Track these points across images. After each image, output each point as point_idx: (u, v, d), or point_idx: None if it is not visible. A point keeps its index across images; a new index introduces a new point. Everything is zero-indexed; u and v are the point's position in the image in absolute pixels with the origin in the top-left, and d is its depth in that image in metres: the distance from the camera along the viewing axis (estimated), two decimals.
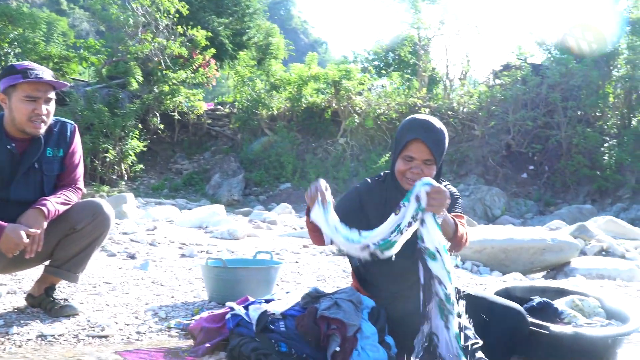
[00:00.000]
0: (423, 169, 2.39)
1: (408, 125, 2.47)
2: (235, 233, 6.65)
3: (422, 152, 2.38)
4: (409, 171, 2.40)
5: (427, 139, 2.37)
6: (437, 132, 2.42)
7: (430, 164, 2.40)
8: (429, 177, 2.25)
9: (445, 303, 2.11)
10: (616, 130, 15.81)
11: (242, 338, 2.41)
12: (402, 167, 2.42)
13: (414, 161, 2.40)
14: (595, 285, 4.57)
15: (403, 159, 2.42)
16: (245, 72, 17.25)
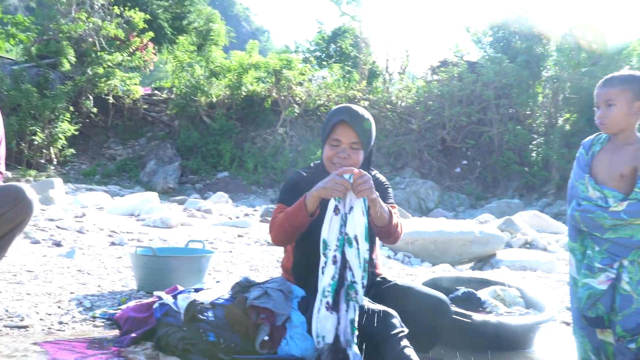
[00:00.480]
0: (350, 153, 2.39)
1: (334, 111, 2.48)
2: (168, 221, 6.54)
3: (348, 135, 2.38)
4: (336, 156, 2.41)
5: (352, 122, 2.38)
6: (363, 117, 2.43)
7: (357, 148, 2.40)
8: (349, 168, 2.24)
9: (349, 289, 2.16)
10: (544, 129, 16.50)
11: (170, 327, 2.38)
12: (329, 152, 2.42)
13: (341, 145, 2.40)
14: (517, 276, 4.76)
15: (330, 145, 2.42)
16: (185, 57, 16.92)
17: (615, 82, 2.54)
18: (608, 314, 2.48)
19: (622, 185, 2.50)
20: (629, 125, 2.54)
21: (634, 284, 2.43)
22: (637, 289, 2.43)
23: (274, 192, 14.67)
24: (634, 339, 2.42)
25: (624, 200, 2.45)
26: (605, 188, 2.51)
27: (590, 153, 2.65)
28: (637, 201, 2.42)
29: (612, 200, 2.47)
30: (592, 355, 2.56)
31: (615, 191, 2.49)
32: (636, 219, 2.42)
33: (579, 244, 2.60)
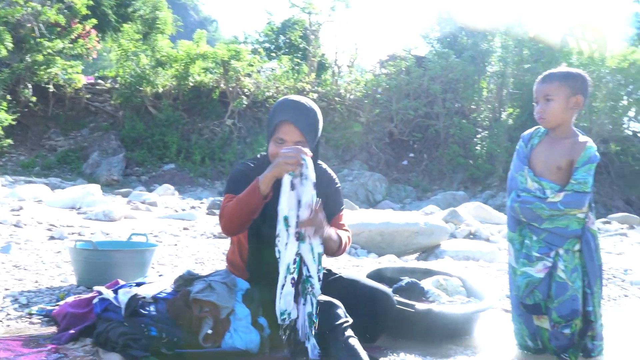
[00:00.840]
0: None
1: (278, 107, 2.43)
2: (111, 214, 6.38)
3: (293, 134, 2.35)
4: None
5: (296, 121, 2.35)
6: (308, 113, 2.39)
7: (302, 145, 2.35)
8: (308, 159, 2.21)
9: (305, 283, 2.18)
10: (488, 123, 16.92)
11: (110, 323, 2.32)
12: (274, 149, 2.37)
13: (285, 143, 2.36)
14: (460, 266, 4.87)
15: (274, 142, 2.38)
16: (129, 46, 16.45)
17: (553, 78, 2.63)
18: (545, 301, 2.57)
19: (559, 177, 2.59)
20: (566, 120, 2.63)
21: (568, 272, 2.53)
22: (571, 277, 2.52)
23: (221, 184, 14.51)
24: (568, 324, 2.52)
25: (560, 191, 2.54)
26: (543, 180, 2.59)
27: (530, 146, 2.73)
28: (573, 192, 2.52)
29: (550, 192, 2.55)
30: (529, 341, 2.65)
31: (552, 183, 2.57)
32: (572, 209, 2.51)
33: (518, 233, 2.69)
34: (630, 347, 2.85)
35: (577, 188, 2.51)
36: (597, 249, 2.60)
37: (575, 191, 2.51)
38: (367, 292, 2.50)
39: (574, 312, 2.51)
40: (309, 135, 2.38)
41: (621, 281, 4.66)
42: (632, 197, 15.29)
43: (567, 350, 2.54)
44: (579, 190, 2.51)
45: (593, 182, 2.58)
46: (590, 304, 2.55)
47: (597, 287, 2.58)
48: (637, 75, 14.85)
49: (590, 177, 2.54)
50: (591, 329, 2.57)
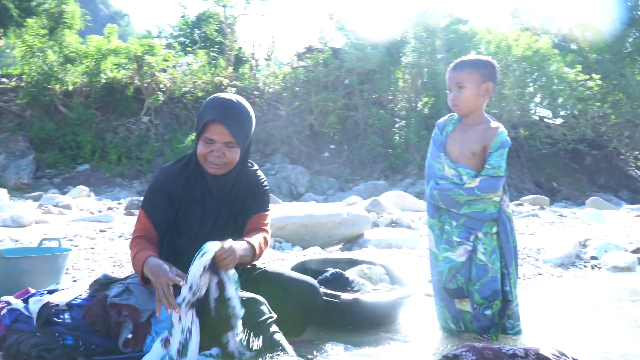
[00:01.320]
0: (225, 152, 2.27)
1: (208, 105, 2.32)
2: (20, 220, 6.04)
3: (222, 135, 2.25)
4: (210, 154, 2.28)
5: (226, 121, 2.24)
6: (239, 113, 2.29)
7: (232, 146, 2.28)
8: (209, 246, 2.05)
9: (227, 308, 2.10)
10: (405, 112, 17.31)
11: (21, 334, 2.19)
12: (203, 150, 2.28)
13: (215, 144, 2.27)
14: (384, 254, 4.95)
15: (204, 141, 2.28)
16: (35, 41, 15.61)
17: (464, 65, 2.70)
18: (466, 285, 2.64)
19: (474, 162, 2.67)
20: (478, 106, 2.71)
21: (488, 254, 2.61)
22: (490, 259, 2.61)
23: (140, 183, 14.10)
24: (490, 305, 2.61)
25: (476, 176, 2.61)
26: (460, 166, 2.66)
27: (445, 133, 2.79)
28: (488, 177, 2.60)
29: (466, 177, 2.62)
30: (452, 324, 2.73)
31: (468, 169, 2.65)
32: (488, 193, 2.60)
33: (437, 220, 2.75)
34: (546, 324, 2.99)
35: (492, 173, 2.60)
36: (512, 230, 2.70)
37: (490, 176, 2.60)
38: (293, 285, 2.47)
39: (495, 293, 2.60)
40: (239, 136, 2.28)
41: (535, 260, 4.90)
42: (541, 180, 16.12)
43: (489, 331, 2.62)
44: (494, 175, 2.60)
45: (505, 166, 2.68)
46: (508, 284, 2.64)
47: (512, 268, 2.68)
48: (541, 63, 15.62)
49: (503, 162, 2.63)
50: (509, 308, 2.67)
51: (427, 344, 2.61)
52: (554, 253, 4.95)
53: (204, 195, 2.38)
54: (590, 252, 5.13)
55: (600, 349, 2.51)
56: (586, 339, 2.70)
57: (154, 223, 2.31)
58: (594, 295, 3.79)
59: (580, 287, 4.06)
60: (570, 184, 16.31)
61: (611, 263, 4.78)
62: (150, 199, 2.36)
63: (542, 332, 2.80)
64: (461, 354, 2.00)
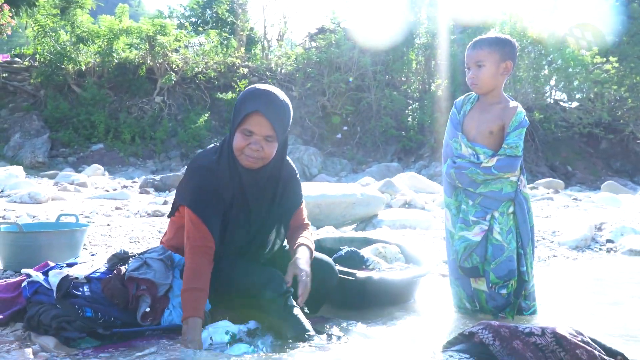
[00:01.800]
0: (263, 145, 2.18)
1: (249, 95, 2.21)
2: (37, 196, 6.09)
3: (263, 127, 2.16)
4: (248, 147, 2.18)
5: (267, 113, 2.15)
6: (281, 105, 2.21)
7: (272, 140, 2.19)
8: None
9: None
10: (418, 94, 17.19)
11: (42, 306, 2.21)
12: (241, 142, 2.18)
13: (254, 136, 2.17)
14: (398, 234, 4.95)
15: (242, 133, 2.18)
16: (47, 21, 15.59)
17: (483, 44, 2.66)
18: (482, 264, 2.63)
19: (492, 142, 2.65)
20: (497, 85, 2.68)
21: (504, 234, 2.60)
22: (506, 238, 2.60)
23: (153, 163, 14.15)
24: (505, 284, 2.60)
25: (493, 156, 2.59)
26: (477, 145, 2.64)
27: (462, 112, 2.77)
28: (506, 157, 2.58)
29: (483, 157, 2.61)
30: (467, 303, 2.73)
31: (485, 148, 2.63)
32: (505, 173, 2.58)
33: (454, 199, 2.73)
34: (562, 305, 2.98)
35: (510, 152, 2.58)
36: (529, 211, 2.69)
37: (507, 155, 2.58)
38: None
39: (510, 273, 2.59)
40: (279, 129, 2.20)
41: (550, 242, 4.88)
42: (555, 163, 15.99)
43: (504, 310, 2.62)
44: (511, 155, 2.58)
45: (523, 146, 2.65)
46: (524, 264, 2.64)
47: (529, 249, 2.67)
48: (556, 45, 15.40)
49: (520, 142, 2.61)
50: (524, 288, 2.66)
51: (442, 322, 2.62)
52: (570, 236, 4.93)
53: (240, 192, 2.29)
54: (606, 236, 5.09)
55: (617, 329, 2.50)
56: (602, 319, 2.69)
57: (211, 231, 2.21)
58: (609, 277, 3.77)
59: (596, 270, 4.04)
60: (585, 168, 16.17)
61: (627, 246, 4.75)
62: (203, 203, 2.22)
63: (558, 312, 2.80)
64: (477, 331, 2.00)
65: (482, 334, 1.98)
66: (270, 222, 2.39)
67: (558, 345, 1.87)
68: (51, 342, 2.06)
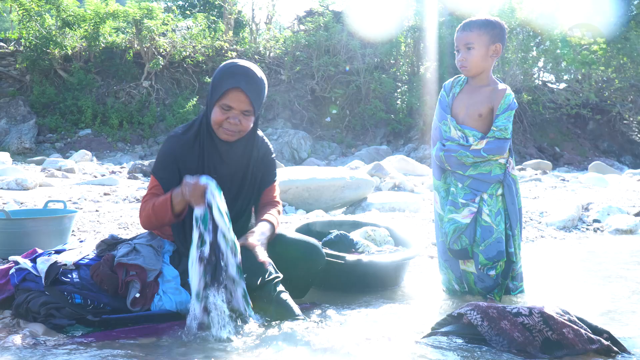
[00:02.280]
0: (241, 119, 2.27)
1: (228, 71, 2.27)
2: (24, 183, 6.04)
3: (242, 102, 2.25)
4: (226, 121, 2.27)
5: (247, 89, 2.24)
6: (258, 82, 2.29)
7: (249, 115, 2.28)
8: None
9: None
10: (407, 77, 17.15)
11: (30, 293, 2.20)
12: (220, 116, 2.27)
13: (232, 111, 2.26)
14: (387, 217, 4.97)
15: (220, 108, 2.26)
16: (32, 5, 15.36)
17: (473, 26, 2.65)
18: (471, 246, 2.65)
19: (481, 124, 2.65)
20: (486, 68, 2.68)
21: (493, 216, 2.62)
22: (495, 220, 2.62)
23: (142, 148, 14.07)
24: (494, 266, 2.62)
25: (482, 138, 2.60)
26: (466, 128, 2.64)
27: (451, 95, 2.77)
28: (495, 139, 2.59)
29: (472, 139, 2.61)
30: (456, 285, 2.75)
31: (474, 130, 2.63)
32: (494, 155, 2.59)
33: (443, 182, 2.74)
34: (549, 284, 3.01)
35: (499, 135, 2.58)
36: (517, 193, 2.70)
37: (496, 138, 2.59)
38: (295, 245, 2.48)
39: (499, 254, 2.61)
40: (256, 104, 2.29)
41: (538, 223, 4.92)
42: (543, 144, 16.08)
43: (493, 291, 2.64)
44: (500, 137, 2.59)
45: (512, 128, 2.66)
46: (512, 245, 2.65)
47: (517, 230, 2.68)
48: (544, 27, 15.41)
49: (510, 124, 2.62)
50: (512, 269, 2.69)
51: (431, 304, 2.64)
52: (557, 216, 4.97)
53: (216, 163, 2.38)
54: (593, 216, 5.14)
55: (602, 308, 2.53)
56: (589, 298, 2.72)
57: (163, 185, 2.32)
58: (596, 257, 3.81)
59: (583, 250, 4.08)
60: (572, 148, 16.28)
61: (614, 226, 4.80)
62: (162, 167, 2.35)
63: (545, 292, 2.82)
64: (466, 312, 2.02)
65: (471, 315, 2.00)
66: (241, 197, 2.45)
67: (545, 325, 1.90)
68: (40, 329, 2.05)
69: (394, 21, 16.60)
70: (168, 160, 2.34)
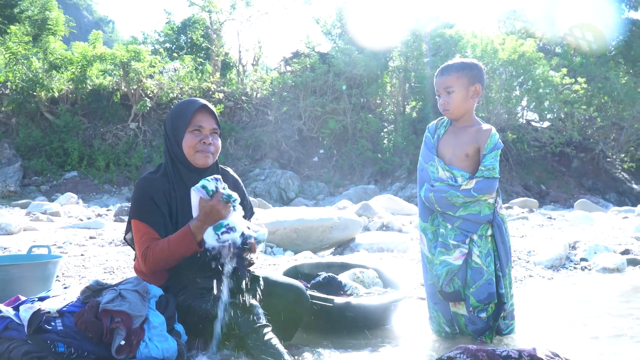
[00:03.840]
0: (212, 139, 2.42)
1: (184, 103, 2.47)
2: (8, 227, 5.97)
3: (209, 121, 2.41)
4: (200, 143, 2.39)
5: (210, 109, 2.44)
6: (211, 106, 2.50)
7: (217, 133, 2.45)
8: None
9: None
10: (393, 117, 17.38)
11: (12, 342, 2.15)
12: (193, 140, 2.39)
13: (203, 131, 2.40)
14: (376, 257, 4.95)
15: (191, 133, 2.39)
16: (19, 48, 15.47)
17: (451, 70, 2.71)
18: (463, 288, 2.64)
19: (468, 164, 2.68)
20: (469, 109, 2.72)
21: (483, 257, 2.62)
22: (485, 261, 2.61)
23: (129, 189, 14.01)
24: (485, 308, 2.61)
25: (471, 178, 2.62)
26: (454, 168, 2.66)
27: (436, 136, 2.80)
28: (484, 178, 2.61)
29: (461, 179, 2.63)
30: (446, 327, 2.72)
31: (462, 171, 2.65)
32: (483, 195, 2.61)
33: (430, 223, 2.75)
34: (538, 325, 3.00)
35: (487, 174, 2.61)
36: (506, 232, 2.71)
37: (485, 177, 2.61)
38: (278, 287, 2.47)
39: (490, 296, 2.60)
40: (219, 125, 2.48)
41: (525, 262, 4.92)
42: (529, 182, 16.23)
43: (484, 334, 2.62)
44: (489, 176, 2.61)
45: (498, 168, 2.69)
46: (502, 286, 2.65)
47: (508, 269, 2.68)
48: (526, 67, 15.75)
49: (497, 163, 2.65)
50: (503, 309, 2.67)
51: (420, 346, 2.61)
52: (545, 255, 4.98)
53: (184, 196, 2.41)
54: (580, 254, 5.16)
55: (592, 349, 2.52)
56: (578, 339, 2.71)
57: (153, 227, 2.33)
58: (584, 296, 3.81)
59: (571, 289, 4.08)
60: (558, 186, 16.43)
61: (601, 264, 4.81)
62: (141, 208, 2.37)
63: (535, 332, 2.81)
64: (455, 356, 2.00)
65: (460, 358, 1.98)
66: None
67: None
68: None
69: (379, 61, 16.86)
70: (147, 202, 2.37)
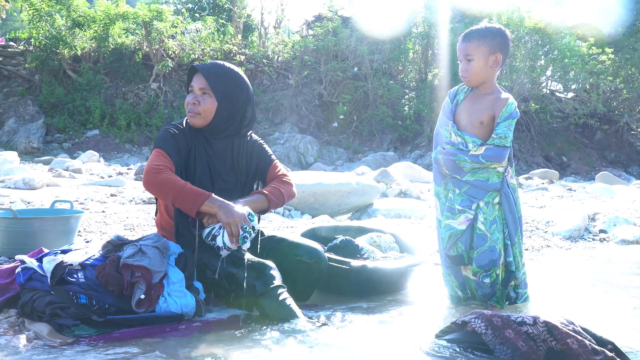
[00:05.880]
0: (200, 99, 2.45)
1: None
2: (31, 182, 6.07)
3: (199, 81, 2.46)
4: (189, 103, 2.48)
5: (204, 70, 2.46)
6: (220, 67, 2.50)
7: (207, 93, 2.45)
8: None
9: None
10: (415, 84, 17.16)
11: (35, 292, 2.21)
12: (187, 100, 2.50)
13: (193, 91, 2.48)
14: (393, 223, 4.96)
15: (189, 95, 2.50)
16: (42, 5, 15.44)
17: (472, 37, 2.65)
18: (467, 252, 2.65)
19: (482, 132, 2.65)
20: (488, 77, 2.68)
21: (487, 224, 2.62)
22: (490, 229, 2.62)
23: (149, 149, 14.11)
24: (487, 273, 2.62)
25: (482, 145, 2.60)
26: (466, 134, 2.65)
27: (455, 102, 2.78)
28: (494, 146, 2.59)
29: (472, 145, 2.61)
30: (459, 291, 2.74)
31: (474, 137, 2.63)
32: (492, 162, 2.59)
33: (443, 187, 2.75)
34: (554, 294, 3.00)
35: (498, 142, 2.58)
36: (516, 201, 2.69)
37: (496, 145, 2.58)
38: (297, 248, 2.50)
39: (491, 262, 2.61)
40: (214, 86, 2.45)
41: (544, 232, 4.90)
42: (551, 154, 16.03)
43: (491, 299, 2.64)
44: (500, 145, 2.58)
45: (513, 138, 2.66)
46: (511, 254, 2.65)
47: (517, 238, 2.67)
48: (553, 36, 15.37)
49: (510, 132, 2.61)
50: (514, 278, 2.68)
51: (435, 311, 2.64)
52: (563, 226, 4.95)
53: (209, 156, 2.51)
54: (599, 226, 5.12)
55: (607, 318, 2.52)
56: (594, 309, 2.71)
57: (173, 160, 2.40)
58: (602, 267, 3.79)
59: (589, 260, 4.07)
60: (580, 158, 16.22)
61: (620, 236, 4.78)
62: (165, 141, 2.44)
63: (550, 301, 2.82)
64: (470, 320, 2.02)
65: (475, 323, 1.99)
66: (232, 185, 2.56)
67: (549, 335, 1.89)
68: (45, 328, 2.06)
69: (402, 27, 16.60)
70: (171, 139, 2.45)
